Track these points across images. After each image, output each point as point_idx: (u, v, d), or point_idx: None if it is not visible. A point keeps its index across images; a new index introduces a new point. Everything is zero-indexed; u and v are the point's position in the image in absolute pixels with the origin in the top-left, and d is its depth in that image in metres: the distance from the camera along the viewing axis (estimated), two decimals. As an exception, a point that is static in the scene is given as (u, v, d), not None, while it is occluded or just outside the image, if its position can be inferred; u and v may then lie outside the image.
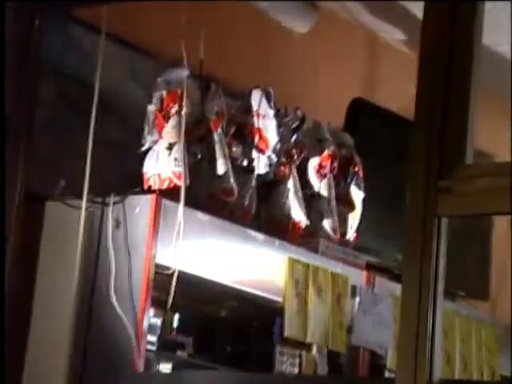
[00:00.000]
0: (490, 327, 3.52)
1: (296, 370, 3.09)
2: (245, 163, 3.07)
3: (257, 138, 3.09)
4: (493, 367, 3.48)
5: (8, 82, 2.78)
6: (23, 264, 2.78)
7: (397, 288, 3.12)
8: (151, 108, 2.85)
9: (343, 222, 3.34)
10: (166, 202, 2.74)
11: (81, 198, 2.76)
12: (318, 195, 3.28)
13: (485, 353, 3.47)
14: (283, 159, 3.19)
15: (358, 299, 3.20)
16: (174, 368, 2.90)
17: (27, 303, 2.76)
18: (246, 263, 2.97)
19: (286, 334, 2.99)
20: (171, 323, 2.92)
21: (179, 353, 2.93)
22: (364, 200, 3.41)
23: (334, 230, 3.29)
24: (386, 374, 3.24)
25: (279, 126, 3.17)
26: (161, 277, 2.73)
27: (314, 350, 3.18)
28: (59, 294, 2.75)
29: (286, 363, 3.08)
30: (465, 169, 1.99)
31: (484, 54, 2.00)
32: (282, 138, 3.18)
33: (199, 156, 2.94)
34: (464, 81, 1.99)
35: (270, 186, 3.19)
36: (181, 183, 2.79)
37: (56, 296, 2.76)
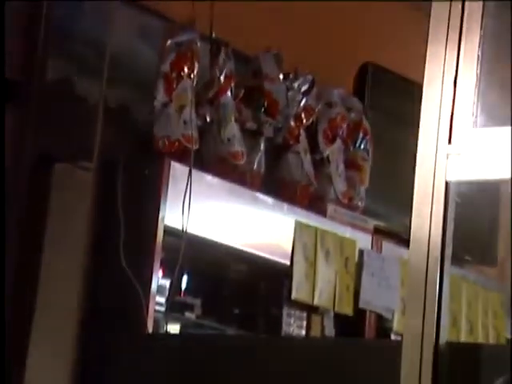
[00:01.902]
0: (497, 292, 3.52)
1: (303, 332, 3.09)
2: (254, 127, 3.06)
3: (266, 102, 3.07)
4: (498, 331, 3.49)
5: (19, 44, 2.76)
6: (31, 227, 2.77)
7: (404, 252, 3.13)
8: (161, 70, 2.82)
9: (351, 187, 3.33)
10: (175, 165, 2.73)
11: (91, 160, 2.75)
12: (327, 159, 3.27)
13: (491, 317, 3.47)
14: (292, 123, 3.17)
15: (365, 263, 3.19)
16: (182, 329, 2.90)
17: (35, 266, 2.76)
18: (255, 226, 2.96)
19: (294, 296, 2.99)
20: (180, 285, 2.92)
21: (187, 314, 2.93)
22: (372, 164, 3.39)
23: (342, 195, 3.28)
24: (393, 337, 3.24)
25: (288, 89, 3.15)
26: (170, 239, 2.72)
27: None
28: (68, 255, 2.75)
29: (293, 325, 3.08)
30: (475, 133, 1.97)
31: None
32: (291, 102, 3.16)
33: (208, 119, 2.93)
34: (475, 43, 1.97)
35: (279, 149, 3.18)
36: (190, 146, 2.78)
37: (65, 257, 2.75)
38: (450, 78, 1.98)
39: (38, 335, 2.72)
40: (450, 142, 1.97)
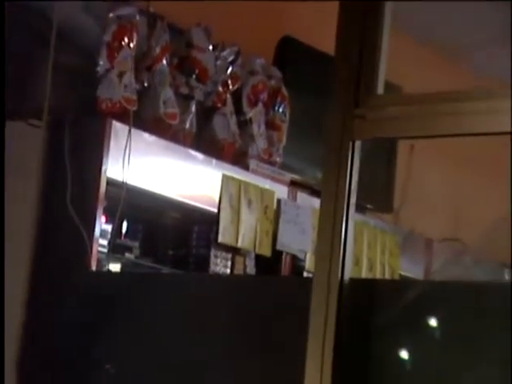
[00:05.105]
0: (392, 235, 3.59)
1: (228, 271, 3.11)
2: (186, 91, 3.04)
3: (197, 70, 3.05)
4: (393, 268, 3.56)
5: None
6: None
7: (316, 202, 3.16)
8: (104, 40, 2.79)
9: (271, 145, 3.34)
10: (116, 124, 2.71)
11: (41, 118, 2.70)
12: (250, 120, 3.27)
13: (387, 256, 3.54)
14: (220, 88, 3.15)
15: (282, 211, 3.21)
16: (122, 268, 2.89)
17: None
18: (187, 179, 2.95)
19: (220, 239, 3.01)
20: (121, 229, 2.90)
21: (127, 255, 2.92)
22: (289, 125, 3.40)
23: (263, 151, 3.28)
24: (305, 274, 3.28)
25: (217, 59, 3.14)
26: (112, 189, 2.70)
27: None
28: (20, 204, 2.70)
29: (220, 265, 3.10)
30: (377, 99, 1.99)
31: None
32: (219, 70, 3.14)
33: (146, 84, 2.90)
34: (378, 22, 1.98)
35: (209, 111, 3.16)
36: (130, 107, 2.75)
37: (18, 206, 2.71)
38: (356, 51, 1.99)
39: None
40: (356, 105, 1.98)
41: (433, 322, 1.93)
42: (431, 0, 3.62)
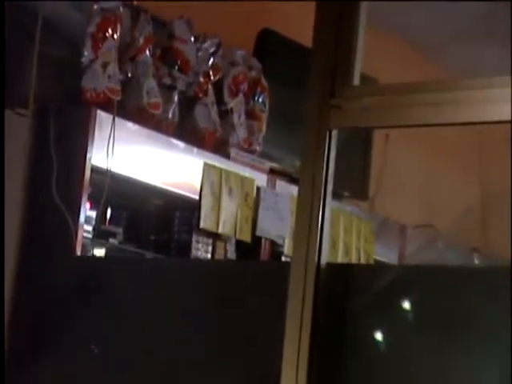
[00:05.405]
0: (367, 221, 3.61)
1: (209, 256, 3.13)
2: (169, 82, 3.04)
3: (179, 61, 3.06)
4: (368, 253, 3.59)
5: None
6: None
7: (294, 189, 3.18)
8: (89, 31, 2.78)
9: (251, 134, 3.35)
10: (100, 113, 2.71)
11: (27, 107, 2.69)
12: (231, 110, 3.28)
13: (362, 242, 3.56)
14: (201, 79, 3.16)
15: (261, 198, 3.23)
16: (106, 253, 2.90)
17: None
18: (170, 167, 2.96)
19: (202, 225, 3.02)
20: (105, 215, 2.91)
21: (111, 240, 2.93)
22: (269, 115, 3.41)
23: (243, 140, 3.30)
24: (283, 259, 3.30)
25: (198, 50, 3.14)
26: (96, 176, 2.71)
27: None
28: (8, 191, 2.70)
29: (201, 250, 3.11)
30: (352, 89, 2.00)
31: None
32: (201, 61, 3.15)
33: (130, 74, 2.90)
34: (353, 17, 1.99)
35: (190, 101, 3.17)
36: (113, 97, 2.75)
37: (5, 193, 2.71)
38: (332, 44, 2.00)
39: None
40: (332, 96, 2.00)
41: (406, 305, 1.95)
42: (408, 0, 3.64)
